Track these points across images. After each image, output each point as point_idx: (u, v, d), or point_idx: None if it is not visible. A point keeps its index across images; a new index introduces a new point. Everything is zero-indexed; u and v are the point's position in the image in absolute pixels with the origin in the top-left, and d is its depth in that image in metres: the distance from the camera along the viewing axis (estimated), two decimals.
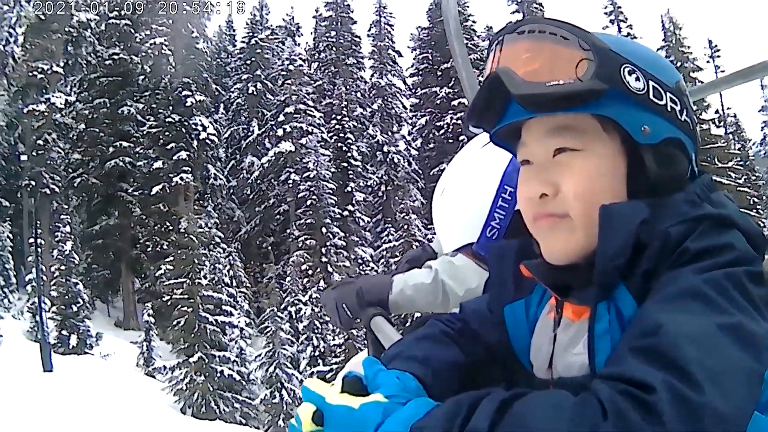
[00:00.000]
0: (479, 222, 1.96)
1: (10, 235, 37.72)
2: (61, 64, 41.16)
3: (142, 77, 42.50)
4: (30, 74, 40.20)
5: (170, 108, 40.82)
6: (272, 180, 45.00)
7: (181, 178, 39.08)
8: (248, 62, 49.11)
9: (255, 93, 48.19)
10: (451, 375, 1.31)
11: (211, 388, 29.32)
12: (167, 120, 40.25)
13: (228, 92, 50.35)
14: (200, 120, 41.42)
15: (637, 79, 1.17)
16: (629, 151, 1.19)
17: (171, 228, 37.83)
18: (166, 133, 40.52)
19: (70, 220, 35.84)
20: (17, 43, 42.52)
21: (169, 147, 40.20)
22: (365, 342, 2.39)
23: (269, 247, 45.55)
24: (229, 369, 30.58)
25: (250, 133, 46.73)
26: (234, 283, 37.34)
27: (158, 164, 39.76)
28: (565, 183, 1.18)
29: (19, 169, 42.61)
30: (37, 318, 33.57)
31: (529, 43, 1.19)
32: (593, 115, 1.17)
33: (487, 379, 1.36)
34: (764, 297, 1.03)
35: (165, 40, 41.23)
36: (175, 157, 39.99)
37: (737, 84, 2.67)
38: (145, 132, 41.49)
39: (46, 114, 39.41)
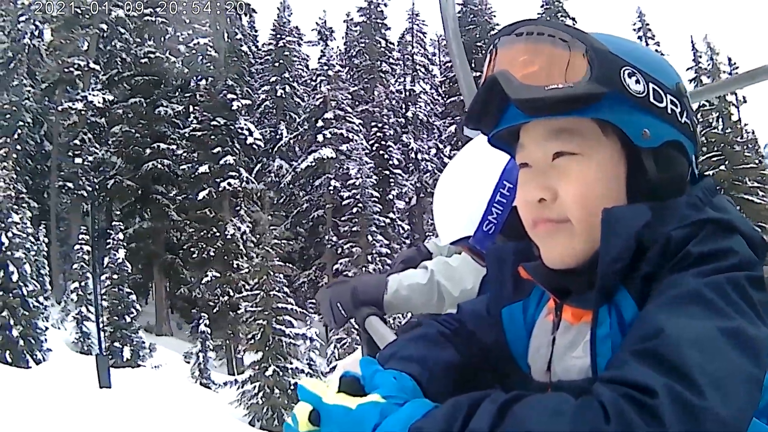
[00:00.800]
0: (476, 216, 1.94)
1: (46, 239, 34.99)
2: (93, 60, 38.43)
3: (179, 78, 40.07)
4: (66, 70, 37.36)
5: (213, 111, 38.36)
6: (304, 185, 43.02)
7: (229, 183, 36.86)
8: (276, 64, 46.85)
9: (283, 96, 46.03)
10: (447, 376, 1.27)
11: (285, 401, 27.71)
12: (212, 123, 37.82)
13: (255, 94, 47.99)
14: (246, 124, 39.18)
15: (637, 81, 1.13)
16: (629, 154, 1.14)
17: (218, 234, 35.79)
18: (212, 137, 38.10)
19: (123, 227, 33.31)
20: (42, 37, 39.62)
21: (215, 151, 37.86)
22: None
23: (295, 253, 43.59)
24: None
25: (278, 137, 44.46)
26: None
27: (203, 168, 37.39)
28: (564, 188, 1.14)
29: (45, 169, 39.81)
30: (83, 328, 31.57)
31: (527, 46, 1.14)
32: (593, 118, 1.12)
33: (483, 381, 1.32)
34: (765, 302, 1.00)
35: (209, 41, 38.83)
36: (221, 162, 37.72)
37: (739, 87, 2.80)
38: (188, 134, 39.06)
39: (83, 112, 36.68)
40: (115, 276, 31.66)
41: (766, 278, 1.04)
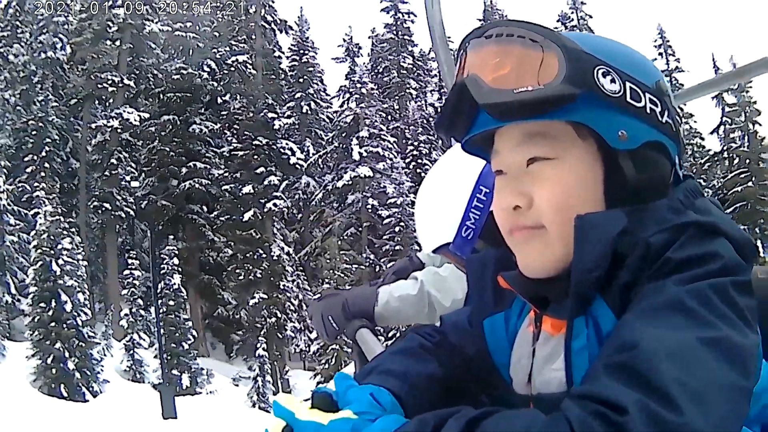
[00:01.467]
0: (455, 222, 1.91)
1: (86, 262, 33.03)
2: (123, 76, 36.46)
3: (212, 95, 38.33)
4: (99, 86, 35.33)
5: (254, 130, 36.71)
6: (333, 203, 41.69)
7: (275, 204, 35.30)
8: (300, 80, 45.24)
9: (308, 112, 44.50)
10: (429, 390, 1.23)
11: None
12: (254, 143, 36.19)
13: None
14: (288, 143, 37.68)
15: (613, 80, 1.07)
16: (606, 157, 1.09)
17: (264, 255, 34.38)
18: (255, 157, 36.44)
19: (177, 252, 31.67)
20: (65, 50, 37.51)
21: (258, 171, 36.19)
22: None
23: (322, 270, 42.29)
24: None
25: (305, 154, 42.85)
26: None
27: (247, 189, 35.74)
28: (539, 194, 1.09)
29: (72, 187, 37.69)
30: (135, 355, 30.09)
31: (498, 47, 1.10)
32: (567, 120, 1.08)
33: (466, 393, 1.29)
34: (752, 307, 0.96)
35: (248, 58, 37.21)
36: (265, 182, 36.13)
37: (733, 83, 2.67)
38: (227, 154, 37.40)
39: (118, 130, 34.78)
40: (171, 302, 30.17)
41: (755, 281, 0.99)
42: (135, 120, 35.07)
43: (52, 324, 26.35)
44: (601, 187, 1.09)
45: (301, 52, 46.52)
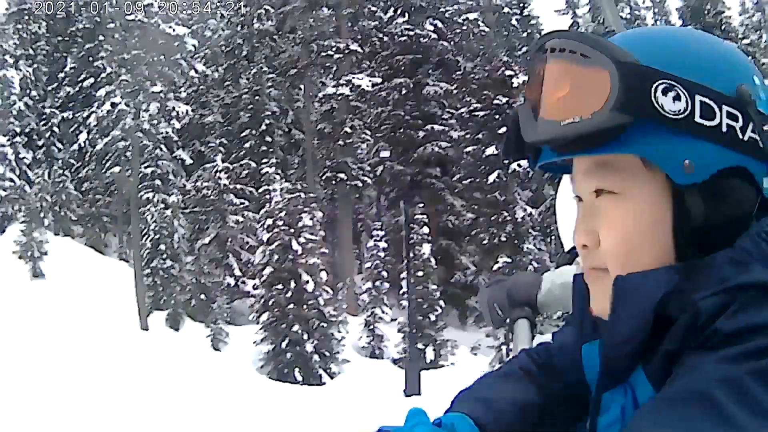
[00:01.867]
0: None
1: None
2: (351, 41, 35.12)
3: (443, 55, 36.46)
4: (323, 54, 34.25)
5: (492, 89, 34.02)
6: None
7: (519, 165, 33.07)
8: (524, 35, 42.78)
9: None
10: (518, 418, 1.15)
11: None
12: (494, 102, 33.74)
13: None
14: None
15: (677, 97, 0.86)
16: (676, 190, 0.89)
17: (508, 218, 32.38)
18: (496, 117, 33.87)
19: (428, 221, 30.23)
20: (273, 21, 36.58)
21: (501, 131, 33.65)
22: None
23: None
24: None
25: None
26: None
27: (490, 150, 33.43)
28: (603, 234, 0.94)
29: (298, 159, 37.21)
30: (376, 331, 28.91)
31: (556, 66, 0.91)
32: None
33: (561, 421, 1.20)
34: None
35: (479, 14, 35.14)
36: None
37: None
38: (468, 114, 35.27)
39: (349, 98, 33.65)
40: (420, 273, 28.65)
41: None
42: (367, 86, 33.71)
43: (290, 306, 25.32)
44: (670, 228, 0.90)
45: (522, 5, 44.02)
